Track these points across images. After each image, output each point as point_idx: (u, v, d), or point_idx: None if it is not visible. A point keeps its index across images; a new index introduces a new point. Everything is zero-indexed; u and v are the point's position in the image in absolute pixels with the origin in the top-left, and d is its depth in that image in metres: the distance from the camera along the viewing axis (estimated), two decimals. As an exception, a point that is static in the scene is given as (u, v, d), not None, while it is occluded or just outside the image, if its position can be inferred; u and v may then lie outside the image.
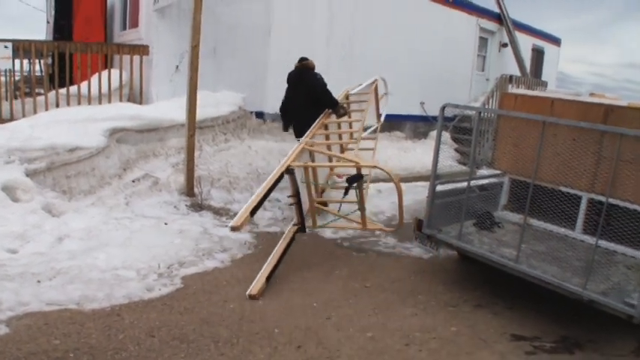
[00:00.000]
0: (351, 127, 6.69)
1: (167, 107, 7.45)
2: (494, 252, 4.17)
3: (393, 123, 10.87)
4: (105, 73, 8.12)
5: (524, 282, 3.98)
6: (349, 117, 6.72)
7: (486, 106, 11.23)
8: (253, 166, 7.11)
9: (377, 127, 7.13)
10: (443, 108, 4.47)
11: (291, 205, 5.11)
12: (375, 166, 5.23)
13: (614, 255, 4.33)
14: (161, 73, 8.81)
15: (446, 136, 10.02)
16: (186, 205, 6.09)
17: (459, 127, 10.82)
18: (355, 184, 4.72)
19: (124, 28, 10.67)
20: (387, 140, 10.32)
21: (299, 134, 6.09)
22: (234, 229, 4.16)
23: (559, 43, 16.58)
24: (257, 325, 3.67)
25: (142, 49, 8.56)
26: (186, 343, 3.34)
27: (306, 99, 6.18)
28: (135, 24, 9.87)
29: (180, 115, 6.70)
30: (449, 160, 5.93)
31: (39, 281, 3.92)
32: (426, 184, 8.33)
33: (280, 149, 7.74)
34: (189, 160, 6.30)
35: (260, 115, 8.42)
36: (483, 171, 6.21)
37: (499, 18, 13.51)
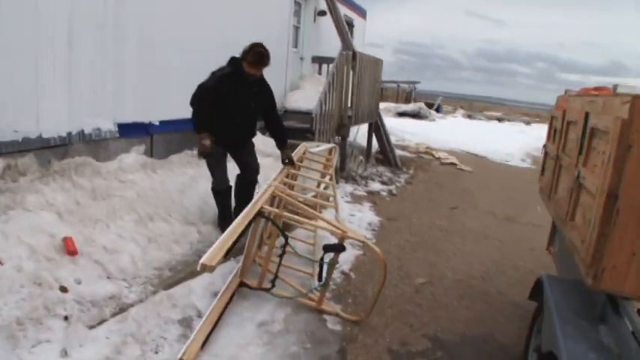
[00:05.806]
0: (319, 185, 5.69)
1: None
2: None
3: (184, 134, 6.25)
4: None
5: None
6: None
7: (326, 101, 7.77)
8: None
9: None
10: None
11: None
12: (363, 242, 3.80)
13: None
14: None
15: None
16: None
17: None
18: (332, 256, 3.64)
19: None
20: (166, 171, 5.88)
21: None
22: (205, 267, 2.97)
23: (365, 15, 14.04)
24: None
25: None
26: None
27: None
28: None
29: None
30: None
31: None
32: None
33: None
34: None
35: None
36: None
37: (313, -22, 10.06)
